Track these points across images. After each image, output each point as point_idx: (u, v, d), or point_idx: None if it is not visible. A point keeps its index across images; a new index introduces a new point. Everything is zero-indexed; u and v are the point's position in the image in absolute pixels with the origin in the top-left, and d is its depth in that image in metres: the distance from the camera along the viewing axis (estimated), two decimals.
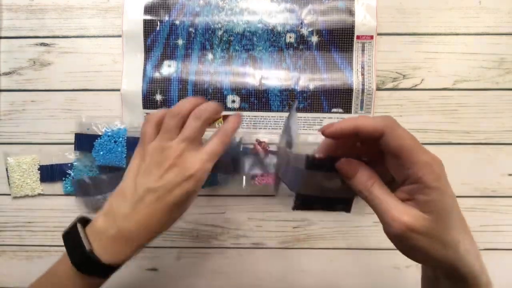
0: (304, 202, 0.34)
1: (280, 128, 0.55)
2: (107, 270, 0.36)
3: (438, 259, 0.28)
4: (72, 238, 0.37)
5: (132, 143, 0.55)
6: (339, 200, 0.34)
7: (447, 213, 0.28)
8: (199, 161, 0.36)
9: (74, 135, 0.55)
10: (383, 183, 0.29)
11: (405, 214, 0.27)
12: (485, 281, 0.29)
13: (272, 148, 0.55)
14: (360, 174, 0.29)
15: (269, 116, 0.55)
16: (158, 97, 0.55)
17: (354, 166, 0.30)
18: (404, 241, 0.28)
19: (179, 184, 0.35)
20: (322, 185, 0.33)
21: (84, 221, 0.38)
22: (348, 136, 0.30)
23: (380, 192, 0.29)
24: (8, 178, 0.56)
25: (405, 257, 0.57)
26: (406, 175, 0.28)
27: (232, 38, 0.55)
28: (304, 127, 0.55)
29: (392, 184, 0.30)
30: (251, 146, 0.55)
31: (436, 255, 0.28)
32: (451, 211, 0.28)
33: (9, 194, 0.56)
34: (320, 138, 0.32)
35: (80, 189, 0.55)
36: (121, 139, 0.54)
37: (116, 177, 0.55)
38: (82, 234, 0.36)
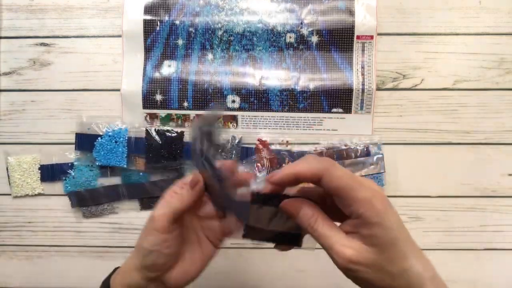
0: (253, 233, 0.34)
1: (280, 128, 0.55)
2: None
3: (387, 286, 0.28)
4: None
5: (133, 143, 0.55)
6: (289, 234, 0.34)
7: (390, 246, 0.28)
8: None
9: (74, 134, 0.55)
10: (326, 218, 0.30)
11: (348, 248, 0.28)
12: None
13: (274, 147, 0.55)
14: (302, 212, 0.31)
15: (269, 116, 0.55)
16: (158, 97, 0.55)
17: (296, 205, 0.31)
18: (350, 273, 0.29)
19: None
20: (269, 219, 0.33)
21: None
22: (291, 183, 0.31)
23: (324, 228, 0.30)
24: (8, 178, 0.56)
25: None
26: (349, 211, 0.29)
27: (232, 38, 0.55)
28: (304, 127, 0.55)
29: (344, 217, 0.30)
30: (252, 146, 0.55)
31: (384, 286, 0.28)
32: (395, 242, 0.28)
33: (9, 194, 0.56)
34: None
35: (77, 200, 0.56)
36: (122, 139, 0.54)
37: (112, 188, 0.55)
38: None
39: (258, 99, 0.55)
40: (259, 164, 0.55)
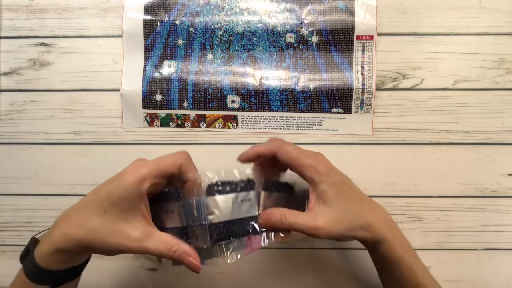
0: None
1: (280, 128, 0.55)
2: (52, 277, 0.36)
3: (358, 236, 0.37)
4: (25, 249, 0.39)
5: None
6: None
7: (338, 197, 0.36)
8: None
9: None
10: (291, 211, 0.37)
11: (315, 219, 0.36)
12: (400, 244, 0.38)
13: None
14: (273, 218, 0.37)
15: (269, 116, 0.55)
16: (158, 97, 0.55)
17: (266, 215, 0.37)
18: (325, 235, 0.36)
19: None
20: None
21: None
22: (255, 159, 0.40)
23: (293, 219, 0.36)
24: None
25: None
26: (302, 177, 0.38)
27: (232, 38, 0.55)
28: (304, 127, 0.55)
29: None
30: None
31: (356, 234, 0.37)
32: (341, 194, 0.36)
33: (10, 194, 0.57)
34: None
35: None
36: None
37: None
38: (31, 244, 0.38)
39: (258, 99, 0.55)
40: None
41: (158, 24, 0.55)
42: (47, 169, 0.56)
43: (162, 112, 0.55)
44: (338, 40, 0.54)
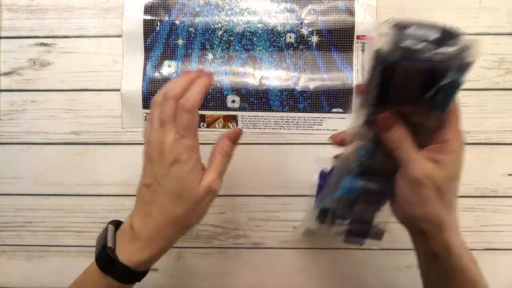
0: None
1: (281, 128, 0.55)
2: (128, 273, 0.36)
3: (433, 213, 0.33)
4: (100, 235, 0.38)
5: None
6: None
7: (454, 176, 0.34)
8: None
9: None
10: (412, 142, 0.34)
11: (426, 165, 0.33)
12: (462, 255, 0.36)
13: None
14: (395, 129, 0.34)
15: (269, 116, 0.55)
16: None
17: (392, 121, 0.34)
18: (416, 186, 0.33)
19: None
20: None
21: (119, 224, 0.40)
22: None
23: (409, 147, 0.33)
24: None
25: (405, 257, 0.57)
26: (441, 131, 0.34)
27: (232, 38, 0.55)
28: (304, 127, 0.55)
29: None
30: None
31: (433, 209, 0.33)
32: (456, 178, 0.34)
33: (10, 194, 0.57)
34: None
35: None
36: None
37: None
38: (110, 233, 0.37)
39: (258, 99, 0.55)
40: None
41: (158, 24, 0.55)
42: (47, 169, 0.56)
43: None
44: (338, 40, 0.54)
